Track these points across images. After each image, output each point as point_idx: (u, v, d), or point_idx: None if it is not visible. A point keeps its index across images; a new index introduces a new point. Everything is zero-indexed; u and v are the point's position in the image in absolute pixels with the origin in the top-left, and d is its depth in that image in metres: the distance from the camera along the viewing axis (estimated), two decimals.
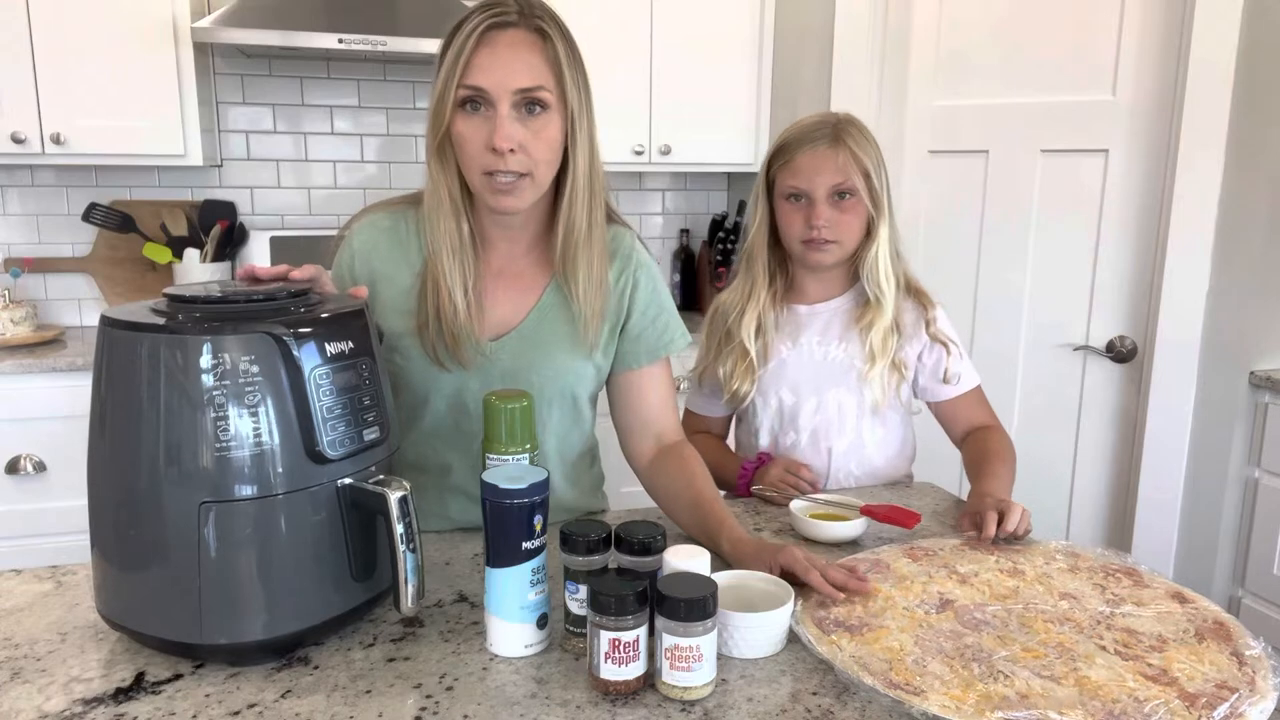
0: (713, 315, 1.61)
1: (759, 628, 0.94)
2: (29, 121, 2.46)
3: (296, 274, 1.01)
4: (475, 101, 1.12)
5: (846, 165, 1.43)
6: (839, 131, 1.45)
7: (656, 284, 1.33)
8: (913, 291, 1.54)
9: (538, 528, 0.92)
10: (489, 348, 1.24)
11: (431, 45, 2.82)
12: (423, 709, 0.85)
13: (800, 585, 1.04)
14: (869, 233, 1.48)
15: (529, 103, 1.12)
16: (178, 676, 0.90)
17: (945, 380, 1.52)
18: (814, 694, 0.88)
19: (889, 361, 1.49)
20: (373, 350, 0.98)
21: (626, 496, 1.58)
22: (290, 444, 0.88)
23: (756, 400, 1.56)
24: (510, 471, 0.94)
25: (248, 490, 0.87)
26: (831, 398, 1.51)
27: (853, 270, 1.54)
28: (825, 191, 1.43)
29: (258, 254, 2.92)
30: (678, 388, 1.41)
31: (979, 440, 1.51)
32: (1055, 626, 0.98)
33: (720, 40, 2.93)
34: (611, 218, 1.30)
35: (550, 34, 1.14)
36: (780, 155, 1.48)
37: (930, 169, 2.57)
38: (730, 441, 1.69)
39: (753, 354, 1.51)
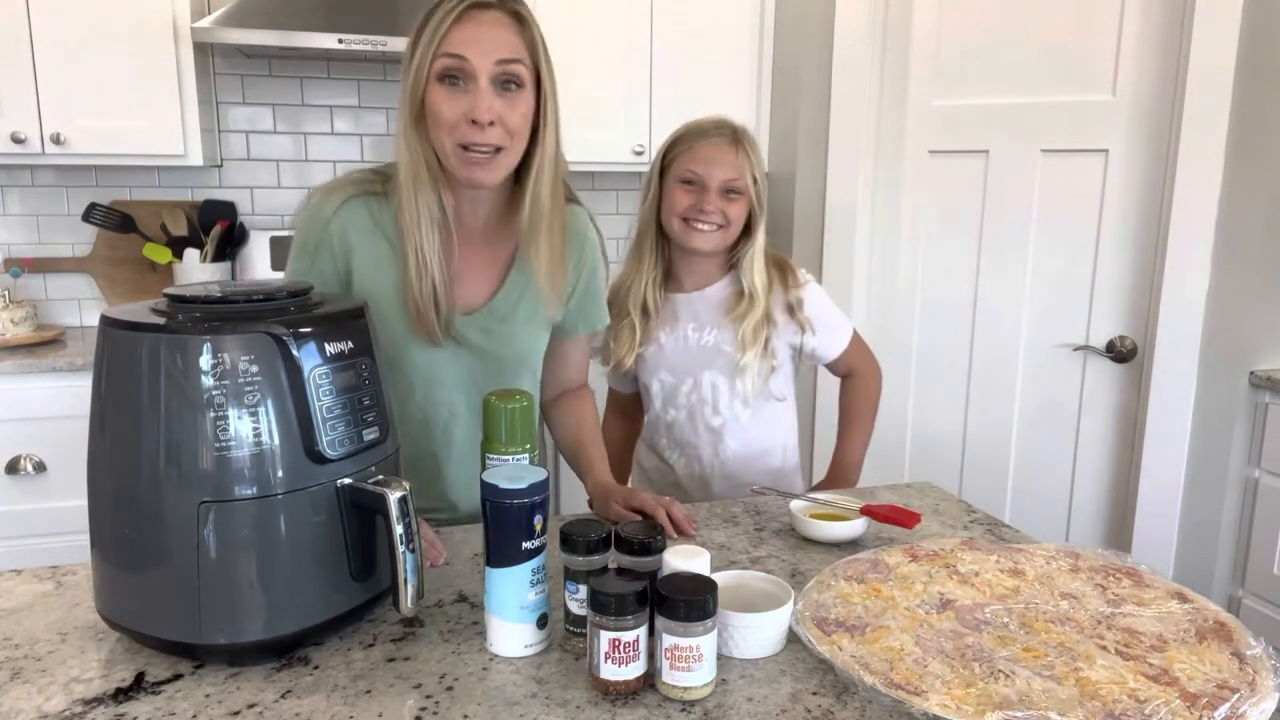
0: (611, 298, 1.65)
1: (759, 628, 0.94)
2: (29, 121, 2.46)
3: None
4: (454, 76, 1.15)
5: (743, 165, 1.56)
6: (739, 135, 1.58)
7: (601, 264, 1.43)
8: (781, 271, 1.64)
9: (538, 528, 0.92)
10: (459, 322, 1.28)
11: None
12: (423, 709, 0.85)
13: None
14: (748, 231, 1.60)
15: (505, 79, 1.16)
16: (178, 676, 0.90)
17: (807, 356, 1.69)
18: (814, 694, 0.88)
19: (760, 349, 1.60)
20: (372, 350, 0.98)
21: None
22: (290, 444, 0.88)
23: (644, 381, 1.69)
24: (510, 471, 0.94)
25: (247, 490, 0.87)
26: (706, 379, 1.64)
27: (726, 262, 1.65)
28: (719, 182, 1.55)
29: (258, 254, 2.93)
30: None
31: (842, 395, 1.75)
32: (1056, 626, 0.97)
33: (720, 40, 2.93)
34: (569, 197, 1.35)
35: (527, 18, 1.19)
36: (682, 142, 1.59)
37: (930, 169, 2.57)
38: None
39: (638, 327, 1.63)
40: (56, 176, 2.82)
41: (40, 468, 2.38)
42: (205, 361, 0.85)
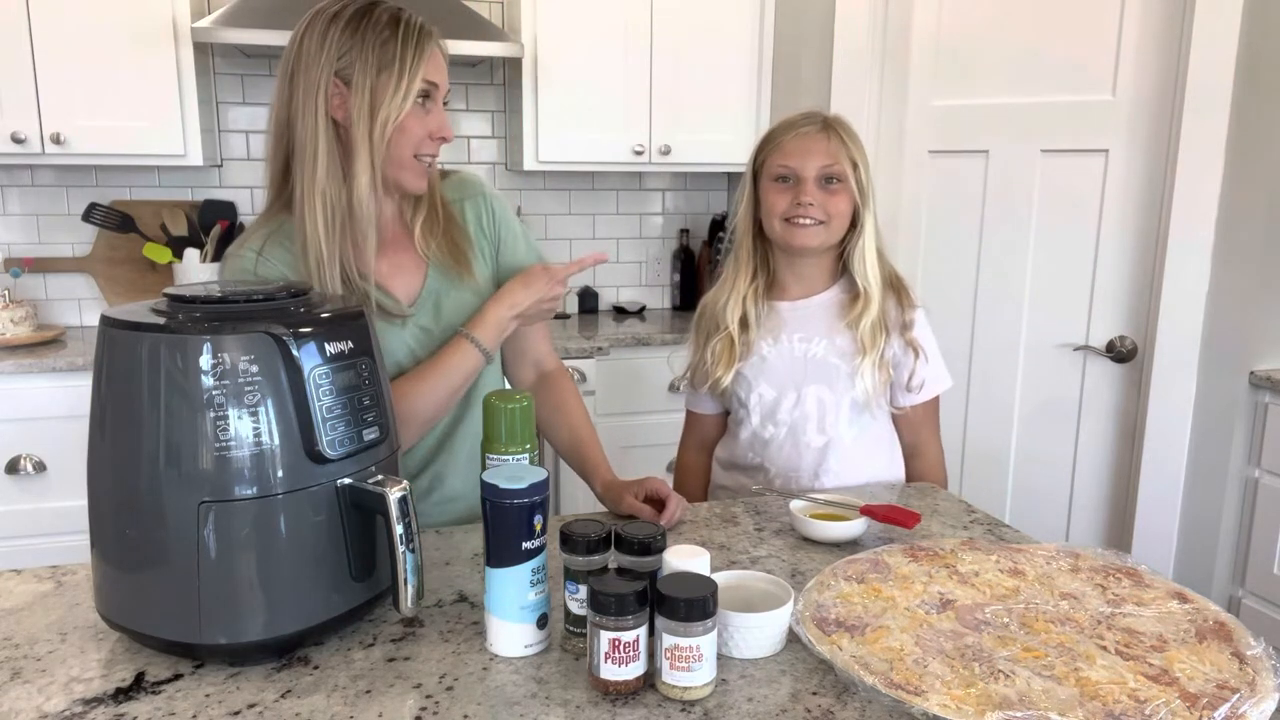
0: (700, 313, 1.62)
1: (759, 628, 0.94)
2: (29, 121, 2.46)
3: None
4: (426, 96, 1.26)
5: (836, 151, 1.47)
6: (829, 122, 1.50)
7: (509, 211, 1.46)
8: (896, 289, 1.54)
9: (537, 528, 0.92)
10: (412, 310, 1.33)
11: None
12: (423, 709, 0.85)
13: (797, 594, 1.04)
14: (854, 224, 1.50)
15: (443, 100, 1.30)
16: (178, 676, 0.90)
17: (909, 388, 1.55)
18: (814, 694, 0.88)
19: (879, 356, 1.50)
20: (372, 350, 0.98)
21: None
22: (290, 444, 0.88)
23: (739, 394, 1.56)
24: (510, 471, 0.94)
25: (247, 490, 0.87)
26: (811, 393, 1.52)
27: (835, 266, 1.55)
28: (814, 172, 1.46)
29: None
30: (676, 388, 1.44)
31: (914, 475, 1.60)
32: (1056, 626, 0.97)
33: (720, 40, 2.93)
34: (443, 173, 1.41)
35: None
36: (769, 141, 1.51)
37: (930, 169, 2.57)
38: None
39: (736, 341, 1.53)
40: (56, 176, 2.82)
41: (40, 468, 2.39)
42: (205, 361, 0.85)
